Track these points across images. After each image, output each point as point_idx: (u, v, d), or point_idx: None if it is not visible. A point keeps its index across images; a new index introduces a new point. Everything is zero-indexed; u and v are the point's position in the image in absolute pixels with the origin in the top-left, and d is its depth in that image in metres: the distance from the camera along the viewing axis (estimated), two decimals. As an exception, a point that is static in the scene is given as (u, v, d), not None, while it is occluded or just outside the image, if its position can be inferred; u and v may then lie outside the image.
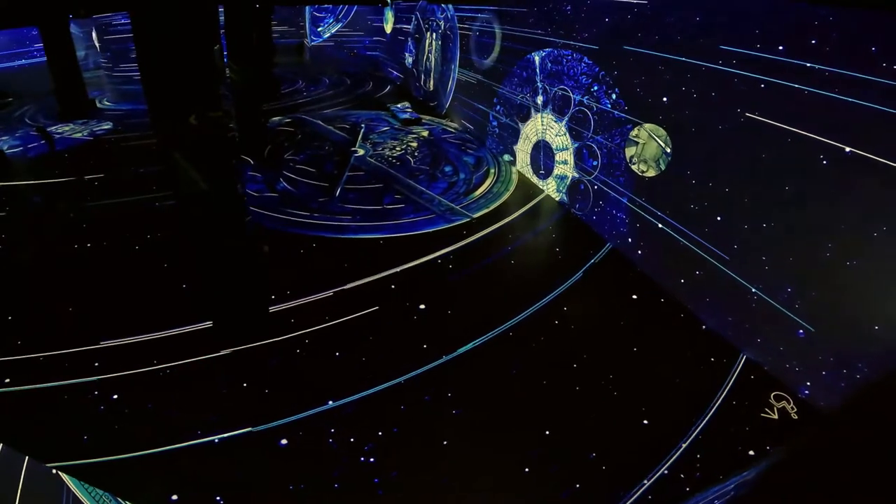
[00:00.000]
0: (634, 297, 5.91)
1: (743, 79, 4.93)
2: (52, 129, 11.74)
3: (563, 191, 8.41)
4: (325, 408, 4.26)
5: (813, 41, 4.27)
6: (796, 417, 4.36)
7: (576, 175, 8.02)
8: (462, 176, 9.43)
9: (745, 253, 5.04)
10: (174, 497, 3.55)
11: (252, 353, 4.89)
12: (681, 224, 5.81)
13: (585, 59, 7.55)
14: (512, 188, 8.99)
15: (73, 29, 16.21)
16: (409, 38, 15.90)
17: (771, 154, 4.72)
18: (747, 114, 4.92)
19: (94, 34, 17.59)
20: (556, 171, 8.63)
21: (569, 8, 7.82)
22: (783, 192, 4.62)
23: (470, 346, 5.02)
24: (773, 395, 4.59)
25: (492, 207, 8.19)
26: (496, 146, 10.71)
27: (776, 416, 4.39)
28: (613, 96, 6.97)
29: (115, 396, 4.37)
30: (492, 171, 9.74)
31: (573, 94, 7.90)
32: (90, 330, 5.10)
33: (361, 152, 10.64)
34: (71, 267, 6.26)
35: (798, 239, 4.54)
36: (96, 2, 9.82)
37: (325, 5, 21.02)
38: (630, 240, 6.78)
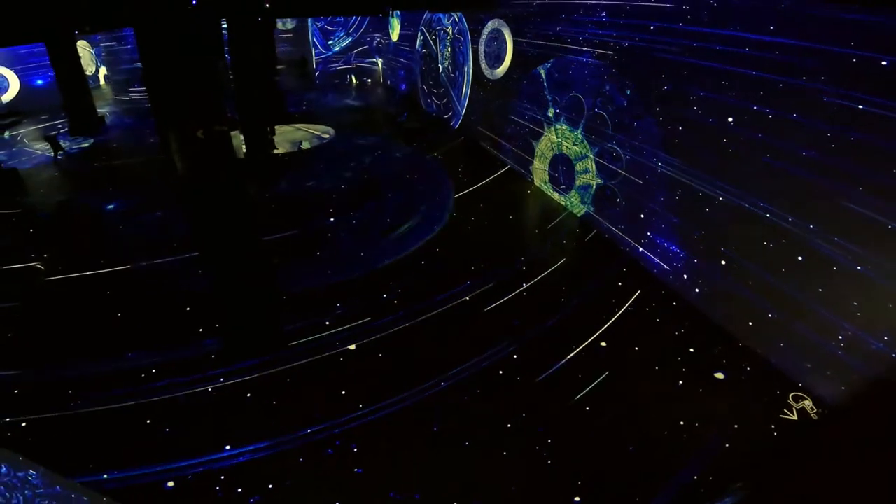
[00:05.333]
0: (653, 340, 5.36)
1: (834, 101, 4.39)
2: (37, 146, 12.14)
3: (588, 201, 8.12)
4: (220, 454, 4.18)
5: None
6: (816, 418, 4.28)
7: (600, 181, 7.79)
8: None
9: (830, 297, 4.58)
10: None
11: (159, 391, 4.86)
12: (748, 259, 5.38)
13: (592, 60, 7.41)
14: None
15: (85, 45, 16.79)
16: (415, 54, 16.00)
17: (869, 184, 4.22)
18: (837, 139, 4.33)
19: (101, 51, 18.31)
20: (577, 182, 8.36)
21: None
22: (885, 230, 4.08)
23: (397, 397, 4.79)
24: (792, 396, 4.46)
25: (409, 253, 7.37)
26: (517, 164, 10.56)
27: (795, 417, 4.30)
28: (628, 92, 6.81)
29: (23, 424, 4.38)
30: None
31: (584, 99, 7.72)
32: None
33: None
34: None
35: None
36: (101, 18, 10.21)
37: (335, 17, 21.46)
38: (675, 266, 6.35)
